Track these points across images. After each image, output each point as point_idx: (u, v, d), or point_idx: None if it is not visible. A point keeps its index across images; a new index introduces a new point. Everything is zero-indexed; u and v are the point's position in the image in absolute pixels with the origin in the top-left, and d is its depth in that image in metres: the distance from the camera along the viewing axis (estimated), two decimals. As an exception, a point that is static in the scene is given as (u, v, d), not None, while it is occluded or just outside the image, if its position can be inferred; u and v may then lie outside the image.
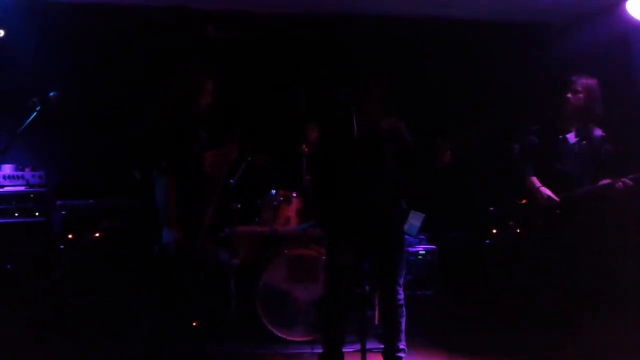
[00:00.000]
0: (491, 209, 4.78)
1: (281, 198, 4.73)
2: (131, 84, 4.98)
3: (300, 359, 4.15)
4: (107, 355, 4.12)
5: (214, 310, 3.95)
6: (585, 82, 4.03)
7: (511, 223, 4.38)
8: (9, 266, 4.50)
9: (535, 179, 4.10)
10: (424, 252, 4.87)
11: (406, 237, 4.46)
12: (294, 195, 4.76)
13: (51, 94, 3.48)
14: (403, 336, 3.60)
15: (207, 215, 3.54)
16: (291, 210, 4.73)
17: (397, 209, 3.69)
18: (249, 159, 4.46)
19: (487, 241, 4.86)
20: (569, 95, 4.06)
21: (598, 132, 4.07)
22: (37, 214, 4.68)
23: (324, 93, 3.97)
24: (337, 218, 3.61)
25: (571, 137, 4.09)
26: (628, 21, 4.22)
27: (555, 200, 3.99)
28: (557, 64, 4.91)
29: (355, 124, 3.29)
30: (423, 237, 4.96)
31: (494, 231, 4.83)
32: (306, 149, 4.61)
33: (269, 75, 5.30)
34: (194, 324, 3.62)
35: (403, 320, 3.60)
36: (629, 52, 4.56)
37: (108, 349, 4.18)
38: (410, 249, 4.82)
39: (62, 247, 4.66)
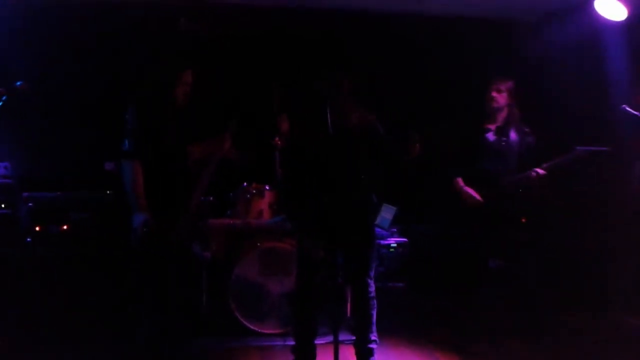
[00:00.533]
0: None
1: (254, 191, 4.72)
2: (102, 77, 4.90)
3: (273, 351, 4.16)
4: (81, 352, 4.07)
5: (187, 303, 3.92)
6: (507, 83, 4.23)
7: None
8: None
9: (460, 180, 4.28)
10: (395, 244, 4.92)
11: (378, 229, 4.50)
12: (267, 188, 4.75)
13: (18, 83, 3.41)
14: (374, 327, 3.64)
15: (188, 208, 3.51)
16: (264, 203, 4.73)
17: (369, 202, 3.71)
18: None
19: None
20: (494, 94, 4.23)
21: (515, 129, 4.24)
22: (2, 205, 4.58)
23: (298, 86, 3.95)
24: (308, 212, 3.61)
25: (490, 135, 4.26)
26: (597, 19, 4.29)
27: (478, 200, 4.15)
28: (526, 61, 4.98)
29: (329, 118, 3.29)
30: (395, 229, 5.01)
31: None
32: (279, 142, 4.59)
33: (245, 67, 5.26)
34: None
35: (374, 312, 3.64)
36: (599, 49, 4.65)
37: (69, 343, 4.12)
38: (382, 242, 4.86)
39: (29, 240, 4.58)
